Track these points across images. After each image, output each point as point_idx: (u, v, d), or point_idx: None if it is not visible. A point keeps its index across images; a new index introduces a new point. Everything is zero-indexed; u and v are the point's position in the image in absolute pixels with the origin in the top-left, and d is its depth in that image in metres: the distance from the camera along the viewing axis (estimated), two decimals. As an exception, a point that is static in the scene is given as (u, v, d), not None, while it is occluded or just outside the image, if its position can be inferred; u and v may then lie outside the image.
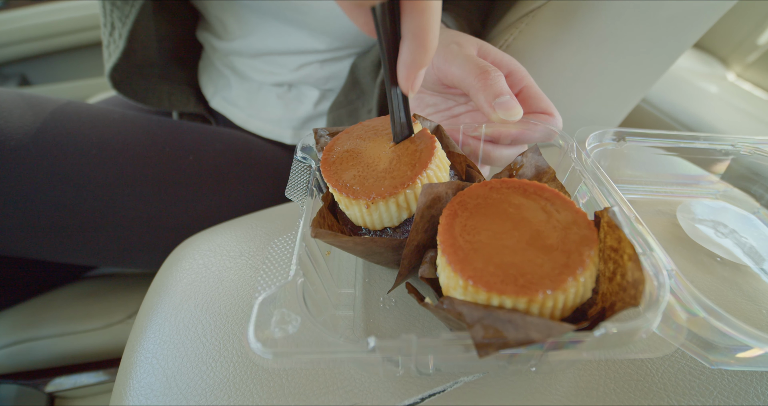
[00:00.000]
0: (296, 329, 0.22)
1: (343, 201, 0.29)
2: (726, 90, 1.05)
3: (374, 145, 0.31)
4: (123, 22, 0.53)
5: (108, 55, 0.57)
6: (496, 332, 0.19)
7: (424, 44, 0.22)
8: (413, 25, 0.21)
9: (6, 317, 0.61)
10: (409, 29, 0.21)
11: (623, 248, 0.22)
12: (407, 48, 0.22)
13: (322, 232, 0.27)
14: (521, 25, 0.49)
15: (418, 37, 0.22)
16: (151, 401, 0.29)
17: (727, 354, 0.23)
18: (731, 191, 0.42)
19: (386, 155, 0.30)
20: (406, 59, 0.23)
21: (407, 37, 0.22)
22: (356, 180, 0.29)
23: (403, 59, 0.23)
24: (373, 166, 0.29)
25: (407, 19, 0.21)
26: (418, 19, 0.21)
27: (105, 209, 0.50)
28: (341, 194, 0.28)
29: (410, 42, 0.22)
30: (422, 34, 0.21)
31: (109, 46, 0.56)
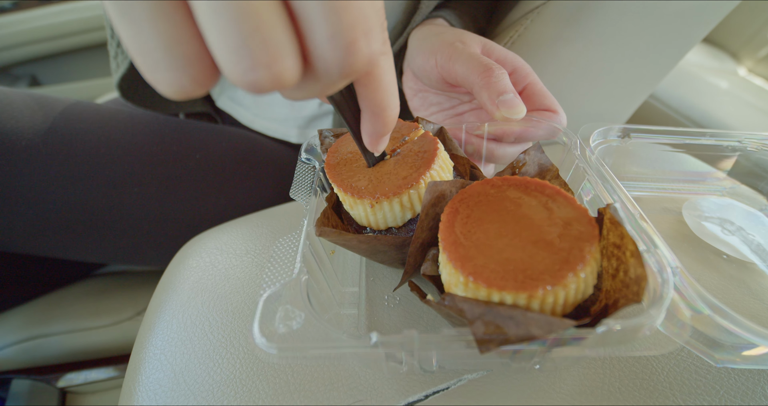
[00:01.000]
0: (300, 325, 0.22)
1: (348, 200, 0.29)
2: (737, 85, 1.04)
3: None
4: None
5: (116, 66, 0.58)
6: (497, 328, 0.20)
7: (383, 118, 0.22)
8: (369, 103, 0.22)
9: (18, 314, 0.62)
10: (366, 106, 0.22)
11: (625, 245, 0.22)
12: (367, 121, 0.23)
13: (326, 230, 0.27)
14: (526, 22, 0.48)
15: (376, 113, 0.22)
16: (159, 397, 0.29)
17: (733, 352, 0.23)
18: (738, 188, 0.41)
19: (390, 157, 0.30)
20: (368, 130, 0.24)
21: (365, 112, 0.23)
22: (361, 180, 0.29)
23: (365, 129, 0.24)
24: (377, 167, 0.30)
25: (362, 98, 0.22)
26: (372, 98, 0.21)
27: (114, 207, 0.50)
28: (346, 194, 0.29)
29: (369, 116, 0.23)
30: (378, 111, 0.22)
31: (116, 57, 0.57)
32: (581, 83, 0.50)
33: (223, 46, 0.15)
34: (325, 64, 0.17)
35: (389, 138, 0.32)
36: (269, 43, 0.15)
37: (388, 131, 0.24)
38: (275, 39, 0.15)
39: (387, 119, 0.23)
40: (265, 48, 0.15)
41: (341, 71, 0.17)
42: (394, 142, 0.31)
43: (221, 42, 0.15)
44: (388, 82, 0.21)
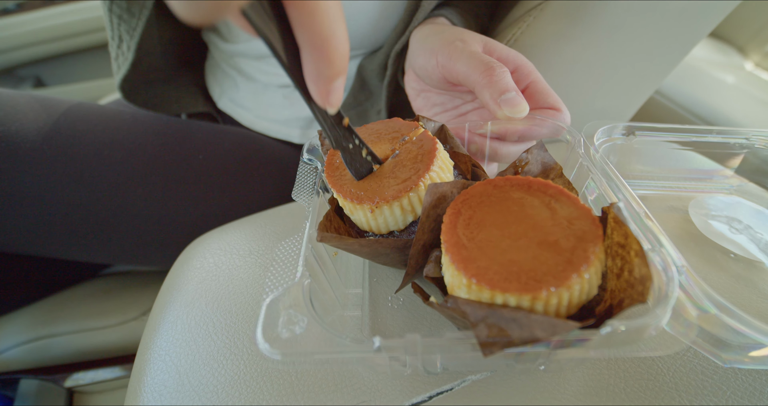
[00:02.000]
0: (303, 330, 0.22)
1: (348, 206, 0.29)
2: (744, 80, 1.03)
3: (377, 148, 0.31)
4: (131, 35, 0.53)
5: (117, 67, 0.58)
6: (501, 330, 0.19)
7: (326, 53, 0.18)
8: (306, 34, 0.17)
9: (25, 315, 0.63)
10: (304, 39, 0.18)
11: (630, 244, 0.22)
12: (307, 60, 0.18)
13: (327, 236, 0.27)
14: (528, 19, 0.48)
15: (316, 46, 0.18)
16: (165, 398, 0.29)
17: (741, 352, 0.23)
18: (746, 186, 0.41)
19: (389, 160, 0.30)
20: (311, 73, 0.19)
21: (303, 47, 0.18)
22: (360, 185, 0.29)
23: (308, 73, 0.19)
24: (377, 170, 0.29)
25: (296, 25, 0.17)
26: (309, 24, 0.17)
27: (118, 208, 0.51)
28: (345, 200, 0.28)
29: (308, 53, 0.18)
30: (319, 42, 0.17)
31: (117, 58, 0.57)
32: (585, 80, 0.50)
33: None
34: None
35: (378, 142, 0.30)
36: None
37: (336, 74, 0.19)
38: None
39: (331, 54, 0.18)
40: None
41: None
42: (393, 143, 0.31)
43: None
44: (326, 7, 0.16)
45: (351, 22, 0.49)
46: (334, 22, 0.17)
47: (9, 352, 0.60)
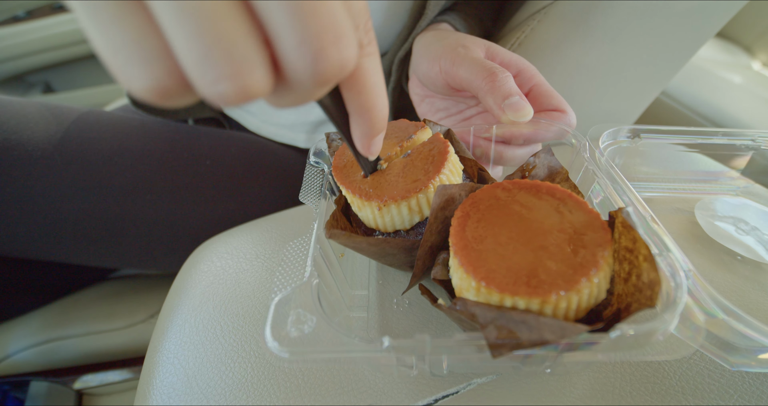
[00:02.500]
0: (312, 329, 0.22)
1: (356, 202, 0.29)
2: (751, 80, 1.02)
3: (385, 147, 0.31)
4: None
5: None
6: (510, 332, 0.20)
7: (370, 120, 0.22)
8: (355, 106, 0.21)
9: (35, 318, 0.63)
10: (353, 109, 0.22)
11: (638, 249, 0.22)
12: (356, 124, 0.22)
13: (336, 232, 0.27)
14: (533, 22, 0.48)
15: (362, 115, 0.22)
16: (173, 400, 0.30)
17: (748, 356, 0.23)
18: (752, 187, 0.41)
19: (399, 159, 0.30)
20: (357, 132, 0.23)
21: (353, 115, 0.22)
22: (369, 182, 0.29)
23: (355, 132, 0.23)
24: (386, 169, 0.30)
25: (348, 101, 0.21)
26: (357, 100, 0.21)
27: (127, 214, 0.51)
28: (354, 195, 0.29)
29: (357, 119, 0.22)
30: (364, 112, 0.21)
31: None
32: (590, 83, 0.50)
33: (187, 57, 0.14)
34: (295, 74, 0.16)
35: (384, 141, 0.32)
36: (233, 54, 0.14)
37: (378, 132, 0.23)
38: (240, 49, 0.15)
39: (375, 120, 0.22)
40: (230, 59, 0.14)
41: (313, 80, 0.16)
42: (399, 141, 0.31)
43: (184, 52, 0.14)
44: (372, 84, 0.20)
45: None
46: (377, 97, 0.21)
47: (20, 354, 0.61)
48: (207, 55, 0.14)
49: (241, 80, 0.15)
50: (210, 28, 0.14)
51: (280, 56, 0.16)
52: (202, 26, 0.14)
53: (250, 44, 0.15)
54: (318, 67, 0.16)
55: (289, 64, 0.16)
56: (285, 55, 0.16)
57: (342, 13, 0.16)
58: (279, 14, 0.15)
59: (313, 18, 0.15)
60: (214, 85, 0.15)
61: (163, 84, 0.15)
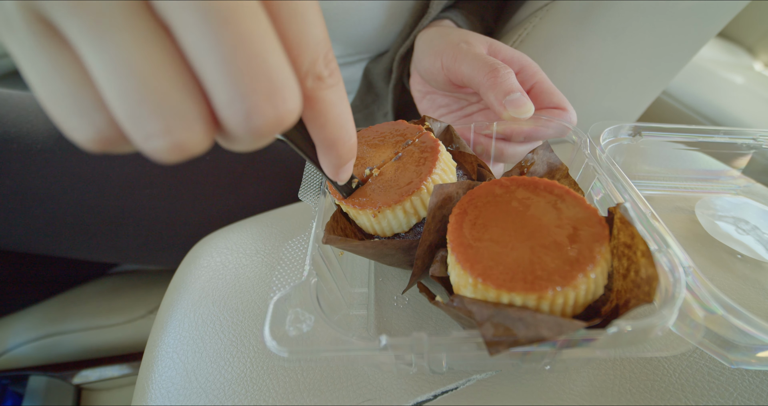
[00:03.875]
0: (310, 328, 0.22)
1: (351, 212, 0.29)
2: (752, 80, 1.02)
3: (380, 152, 0.31)
4: None
5: None
6: (507, 329, 0.19)
7: (336, 152, 0.21)
8: (319, 138, 0.21)
9: (35, 313, 0.64)
10: (318, 141, 0.21)
11: (636, 245, 0.22)
12: (322, 155, 0.22)
13: (332, 238, 0.27)
14: (535, 20, 0.48)
15: (329, 147, 0.21)
16: (172, 395, 0.30)
17: (748, 353, 0.23)
18: (753, 186, 0.41)
19: (391, 162, 0.30)
20: (325, 163, 0.23)
21: (318, 147, 0.21)
22: (362, 190, 0.29)
23: (323, 162, 0.23)
24: (379, 174, 0.30)
25: (312, 133, 0.21)
26: (320, 133, 0.20)
27: (126, 208, 0.51)
28: (348, 206, 0.29)
29: (323, 151, 0.22)
30: (329, 144, 0.21)
31: None
32: (591, 81, 0.50)
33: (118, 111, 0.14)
34: (232, 129, 0.15)
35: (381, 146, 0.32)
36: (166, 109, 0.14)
37: (345, 162, 0.22)
38: (173, 103, 0.14)
39: (341, 152, 0.21)
40: (161, 114, 0.14)
41: (249, 136, 0.15)
42: (396, 146, 0.31)
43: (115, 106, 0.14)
44: (335, 116, 0.19)
45: (358, 27, 0.49)
46: (341, 129, 0.20)
47: (19, 349, 0.61)
48: (137, 110, 0.13)
49: (175, 137, 0.14)
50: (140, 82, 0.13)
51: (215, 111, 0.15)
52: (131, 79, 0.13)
53: (185, 98, 0.14)
54: (251, 125, 0.15)
55: (223, 120, 0.15)
56: (219, 110, 0.15)
57: (278, 62, 0.15)
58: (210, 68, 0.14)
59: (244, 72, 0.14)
60: (147, 141, 0.14)
61: (104, 135, 0.15)
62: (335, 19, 0.48)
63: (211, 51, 0.13)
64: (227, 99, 0.14)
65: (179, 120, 0.14)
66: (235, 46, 0.13)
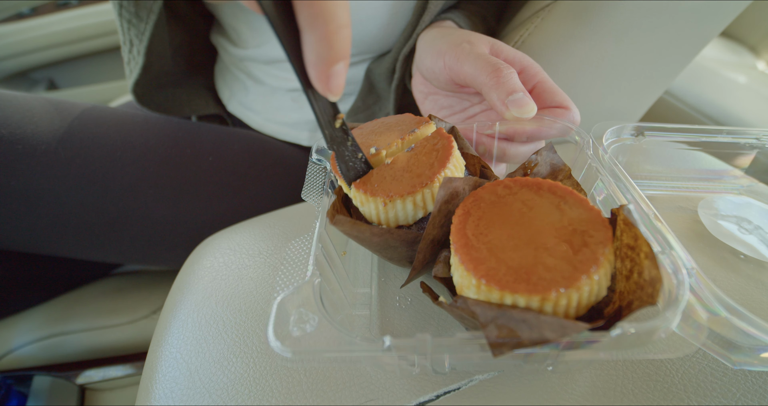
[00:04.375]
0: (314, 328, 0.22)
1: (359, 197, 0.29)
2: (756, 80, 1.01)
3: (386, 138, 0.31)
4: (140, 39, 0.54)
5: (129, 71, 0.58)
6: (510, 331, 0.20)
7: (326, 35, 0.17)
8: (306, 14, 0.17)
9: (39, 313, 0.64)
10: (304, 19, 0.17)
11: (639, 246, 0.22)
12: (307, 43, 0.18)
13: (341, 219, 0.26)
14: (537, 20, 0.48)
15: (316, 29, 0.17)
16: (176, 395, 0.30)
17: (751, 354, 0.23)
18: (756, 186, 0.41)
19: (403, 153, 0.30)
20: (310, 57, 0.18)
21: (303, 28, 0.17)
22: (372, 177, 0.29)
23: (307, 57, 0.18)
24: (390, 164, 0.29)
25: (299, 9, 0.17)
26: (309, 7, 0.16)
27: (129, 209, 0.51)
28: (358, 191, 0.28)
29: (308, 35, 0.17)
30: (320, 25, 0.17)
31: (129, 62, 0.58)
32: (594, 81, 0.49)
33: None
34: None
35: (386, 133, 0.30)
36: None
37: (337, 58, 0.18)
38: None
39: (332, 36, 0.17)
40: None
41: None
42: (402, 133, 0.31)
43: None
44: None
45: (360, 27, 0.49)
46: (335, 5, 0.17)
47: (23, 349, 0.62)
48: None
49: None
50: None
51: None
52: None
53: None
54: None
55: None
56: None
57: None
58: None
59: None
60: None
61: None
62: None
63: None
64: None
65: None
66: None
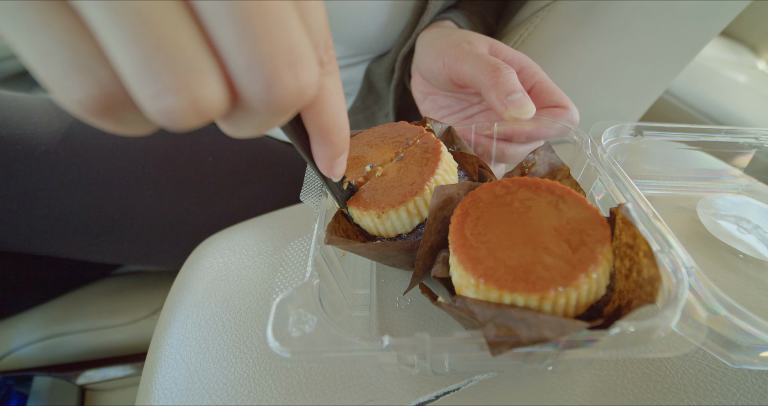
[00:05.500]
0: (313, 329, 0.22)
1: (355, 213, 0.29)
2: (756, 79, 1.01)
3: (380, 153, 0.31)
4: None
5: None
6: (509, 330, 0.20)
7: (330, 140, 0.21)
8: (314, 126, 0.20)
9: (39, 313, 0.64)
10: (313, 129, 0.21)
11: (638, 245, 0.22)
12: (316, 145, 0.22)
13: (334, 239, 0.27)
14: (536, 20, 0.48)
15: (322, 135, 0.21)
16: (175, 396, 0.30)
17: (750, 353, 0.23)
18: (755, 185, 0.41)
19: (392, 163, 0.30)
20: (318, 154, 0.22)
21: (312, 136, 0.21)
22: (365, 191, 0.29)
23: (316, 154, 0.22)
24: (381, 174, 0.30)
25: (307, 121, 0.20)
26: (316, 121, 0.20)
27: (129, 209, 0.51)
28: (351, 207, 0.29)
29: (317, 140, 0.21)
30: (325, 133, 0.20)
31: None
32: (593, 81, 0.49)
33: (124, 65, 0.12)
34: (249, 99, 0.14)
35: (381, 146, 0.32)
36: (180, 61, 0.12)
37: (339, 153, 0.22)
38: (188, 55, 0.12)
39: (335, 141, 0.21)
40: (176, 67, 0.12)
41: (268, 108, 0.14)
42: (397, 147, 0.31)
43: (121, 60, 0.12)
44: (333, 104, 0.19)
45: (360, 27, 0.49)
46: (337, 118, 0.20)
47: (23, 349, 0.62)
48: (148, 62, 0.12)
49: (191, 93, 0.13)
50: (150, 30, 0.12)
51: (231, 75, 0.14)
52: (140, 28, 0.12)
53: (199, 51, 0.13)
54: (272, 95, 0.14)
55: (241, 88, 0.14)
56: (236, 76, 0.14)
57: (298, 31, 0.14)
58: (225, 28, 0.13)
59: (264, 36, 0.13)
60: (158, 99, 0.12)
61: (106, 92, 0.13)
62: (338, 19, 0.48)
63: (228, 13, 0.12)
64: (246, 64, 0.13)
65: (196, 74, 0.13)
66: (252, 8, 0.12)
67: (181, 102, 0.13)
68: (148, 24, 0.12)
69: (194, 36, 0.13)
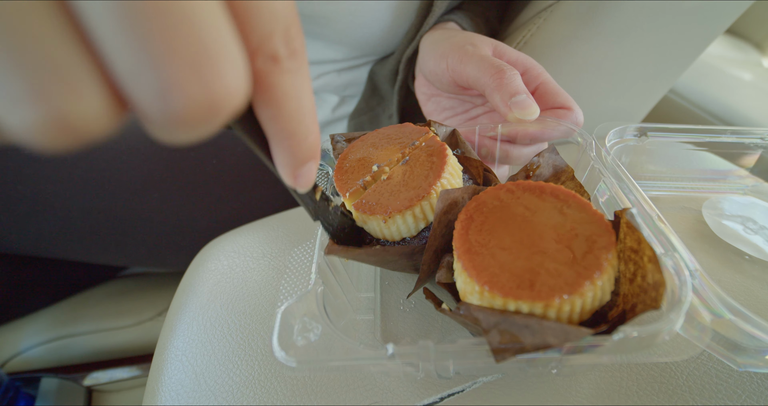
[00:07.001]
0: (318, 337, 0.22)
1: (360, 217, 0.29)
2: (761, 77, 1.00)
3: (385, 152, 0.31)
4: None
5: None
6: (513, 337, 0.20)
7: (290, 148, 0.17)
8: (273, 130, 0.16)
9: (46, 315, 0.64)
10: (271, 133, 0.17)
11: (643, 250, 0.22)
12: (276, 151, 0.17)
13: (335, 248, 0.27)
14: (539, 21, 0.48)
15: (282, 142, 0.17)
16: (182, 397, 0.30)
17: (756, 356, 0.23)
18: (761, 186, 0.40)
19: (398, 166, 0.30)
20: (279, 162, 0.18)
21: (271, 140, 0.17)
22: (370, 195, 0.29)
23: (277, 161, 0.18)
24: (387, 178, 0.30)
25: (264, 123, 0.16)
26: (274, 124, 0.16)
27: (135, 212, 0.52)
28: (357, 211, 0.29)
29: (276, 146, 0.17)
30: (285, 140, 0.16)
31: None
32: (597, 81, 0.49)
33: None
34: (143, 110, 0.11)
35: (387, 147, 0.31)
36: (38, 66, 0.10)
37: (303, 162, 0.18)
38: (50, 60, 0.10)
39: (294, 150, 0.17)
40: (33, 73, 0.10)
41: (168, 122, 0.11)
42: (402, 148, 0.31)
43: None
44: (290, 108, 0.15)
45: (364, 29, 0.49)
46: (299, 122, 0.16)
47: (31, 351, 0.62)
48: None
49: (55, 104, 0.10)
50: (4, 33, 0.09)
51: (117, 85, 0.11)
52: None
53: (70, 56, 0.10)
54: (170, 106, 0.11)
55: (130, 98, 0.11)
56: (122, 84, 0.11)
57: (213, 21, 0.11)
58: (104, 22, 0.10)
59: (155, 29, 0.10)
60: (11, 110, 0.10)
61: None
62: (341, 21, 0.48)
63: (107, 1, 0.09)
64: (129, 68, 0.10)
65: (60, 82, 0.10)
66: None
67: (42, 116, 0.10)
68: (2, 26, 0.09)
69: (66, 38, 0.10)
